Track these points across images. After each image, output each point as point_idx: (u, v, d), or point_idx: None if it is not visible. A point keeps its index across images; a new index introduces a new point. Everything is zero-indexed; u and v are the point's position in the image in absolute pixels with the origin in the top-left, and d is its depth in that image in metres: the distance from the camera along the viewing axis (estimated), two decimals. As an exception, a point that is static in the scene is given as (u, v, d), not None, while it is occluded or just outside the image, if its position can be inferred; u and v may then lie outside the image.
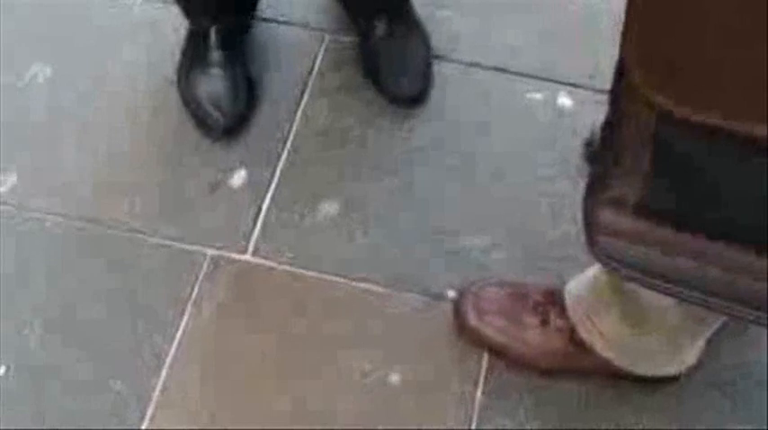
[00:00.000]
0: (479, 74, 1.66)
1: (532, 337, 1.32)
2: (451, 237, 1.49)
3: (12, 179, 1.55)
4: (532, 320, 1.33)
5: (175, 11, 1.60)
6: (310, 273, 1.46)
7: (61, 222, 1.51)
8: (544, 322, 1.32)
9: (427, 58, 1.65)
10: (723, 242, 0.78)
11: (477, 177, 1.55)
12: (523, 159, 1.57)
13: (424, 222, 1.51)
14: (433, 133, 1.60)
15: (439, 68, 1.66)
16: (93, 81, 1.67)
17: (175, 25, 1.66)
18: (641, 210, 0.81)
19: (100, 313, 1.43)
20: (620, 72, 0.79)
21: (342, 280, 1.46)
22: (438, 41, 1.68)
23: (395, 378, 1.37)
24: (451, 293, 1.43)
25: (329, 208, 1.53)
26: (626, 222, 0.82)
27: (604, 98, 1.63)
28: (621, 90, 0.79)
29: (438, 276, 1.46)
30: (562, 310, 1.30)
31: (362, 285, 1.45)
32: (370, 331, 1.41)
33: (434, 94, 1.64)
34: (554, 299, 1.32)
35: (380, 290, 1.45)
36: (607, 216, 0.83)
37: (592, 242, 0.86)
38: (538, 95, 1.64)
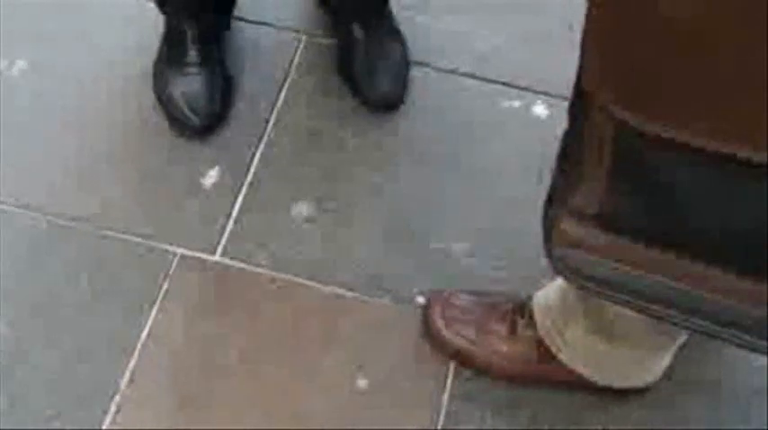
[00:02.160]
0: (456, 80, 1.67)
1: (500, 346, 1.32)
2: (424, 242, 1.49)
3: (-19, 172, 1.54)
4: (500, 329, 1.32)
5: (152, 8, 1.59)
6: (281, 275, 1.45)
7: (31, 217, 1.50)
8: (512, 331, 1.31)
9: (404, 62, 1.65)
10: (679, 254, 0.78)
11: (452, 182, 1.55)
12: (499, 166, 1.57)
13: (398, 226, 1.51)
14: (409, 137, 1.60)
15: (416, 73, 1.66)
16: (67, 76, 1.65)
17: (152, 23, 1.65)
18: (600, 222, 0.81)
19: (67, 310, 1.42)
20: (579, 85, 0.79)
21: (313, 283, 1.45)
22: (415, 47, 1.68)
23: (363, 382, 1.37)
24: (421, 299, 1.43)
25: (302, 210, 1.52)
26: (585, 233, 0.82)
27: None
28: (580, 103, 0.79)
29: (410, 281, 1.45)
30: (530, 320, 1.30)
31: (334, 289, 1.45)
32: (340, 335, 1.41)
33: (410, 98, 1.64)
34: (523, 309, 1.32)
35: (351, 293, 1.44)
36: (567, 226, 0.83)
37: (551, 252, 0.87)
38: (514, 103, 1.64)
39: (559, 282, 1.24)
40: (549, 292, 1.27)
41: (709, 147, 0.67)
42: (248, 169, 1.56)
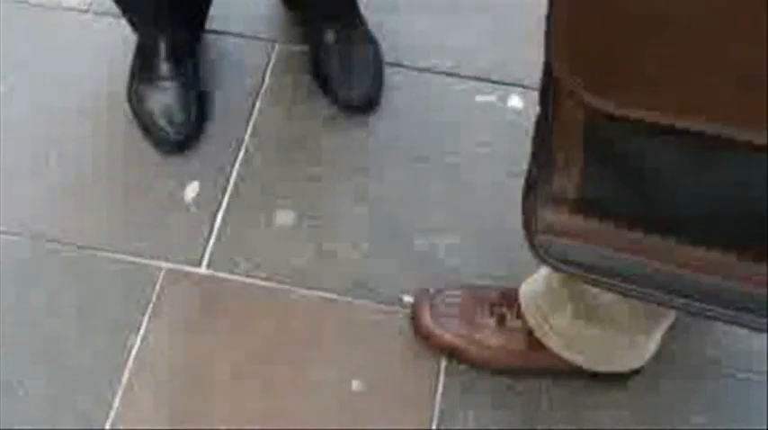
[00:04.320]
0: (431, 78, 1.67)
1: (489, 338, 1.33)
2: (408, 242, 1.50)
3: (-39, 199, 1.54)
4: (488, 322, 1.33)
5: (125, 24, 1.59)
6: (267, 284, 1.46)
7: (13, 239, 1.49)
8: (500, 323, 1.32)
9: (377, 64, 1.65)
10: (661, 235, 0.78)
11: (434, 181, 1.56)
12: (478, 161, 1.58)
13: (381, 228, 1.51)
14: (387, 138, 1.60)
15: (391, 74, 1.67)
16: (45, 95, 1.65)
17: (125, 38, 1.65)
18: (579, 207, 0.81)
19: (54, 330, 1.41)
20: (548, 71, 0.79)
21: (300, 289, 1.45)
22: (389, 48, 1.68)
23: (356, 384, 1.37)
24: (408, 298, 1.43)
25: (284, 217, 1.52)
26: (565, 220, 0.82)
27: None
28: (549, 89, 0.80)
29: (396, 281, 1.46)
30: (518, 311, 1.31)
31: (320, 293, 1.45)
32: (330, 339, 1.41)
33: (387, 99, 1.64)
34: (510, 300, 1.33)
35: (338, 297, 1.44)
36: (546, 214, 0.84)
37: (532, 241, 0.87)
38: (490, 98, 1.65)
39: (544, 270, 1.24)
40: (535, 281, 1.28)
41: (678, 125, 0.67)
42: (229, 180, 1.56)
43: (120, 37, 1.67)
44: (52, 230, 1.51)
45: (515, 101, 1.64)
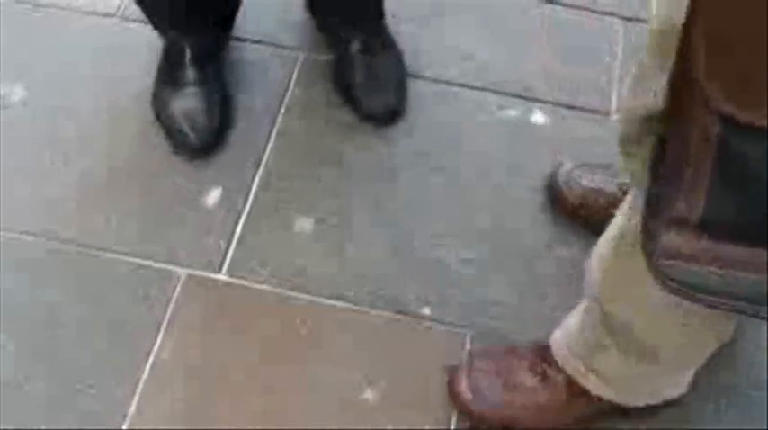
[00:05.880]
0: (453, 91, 1.67)
1: (531, 398, 1.29)
2: (425, 253, 1.50)
3: (-17, 197, 1.55)
4: (528, 380, 1.30)
5: (151, 28, 1.61)
6: (284, 291, 1.46)
7: (34, 241, 1.50)
8: (543, 380, 1.29)
9: (402, 75, 1.66)
10: None
11: (452, 193, 1.56)
12: (498, 175, 1.58)
13: (400, 238, 1.51)
14: (408, 149, 1.61)
15: (413, 86, 1.67)
16: (67, 100, 1.66)
17: (150, 43, 1.66)
18: (705, 229, 0.78)
19: (72, 333, 1.42)
20: (674, 85, 0.77)
21: (316, 297, 1.45)
22: (411, 59, 1.69)
23: (370, 394, 1.37)
24: (426, 310, 1.44)
25: (304, 225, 1.53)
26: (690, 243, 0.79)
27: (577, 114, 1.65)
28: (679, 104, 0.76)
29: (412, 292, 1.46)
30: (557, 363, 1.28)
31: (337, 302, 1.45)
32: (345, 348, 1.41)
33: (408, 111, 1.65)
34: (546, 353, 1.30)
35: (355, 306, 1.45)
36: (671, 238, 0.80)
37: (654, 265, 0.83)
38: (511, 112, 1.65)
39: (575, 315, 1.23)
40: (567, 328, 1.25)
41: None
42: (250, 187, 1.56)
43: (146, 41, 1.68)
44: (70, 232, 1.52)
45: (538, 116, 1.64)
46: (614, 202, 1.43)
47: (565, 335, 1.27)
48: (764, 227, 0.75)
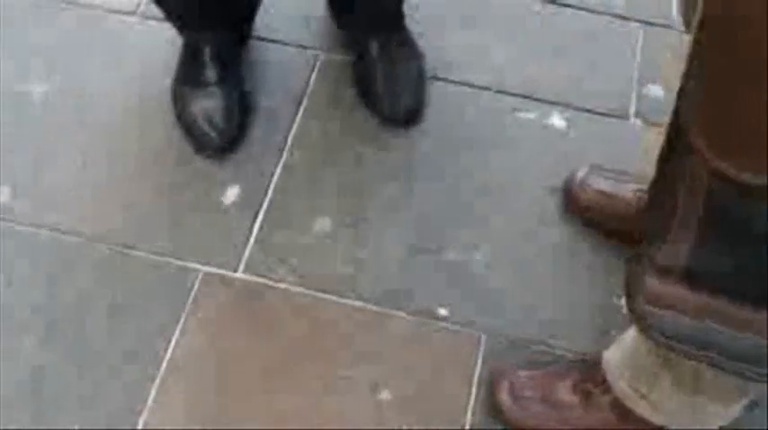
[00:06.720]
0: (472, 93, 1.68)
1: (574, 417, 1.27)
2: (443, 254, 1.50)
3: (5, 193, 1.56)
4: (571, 400, 1.28)
5: (170, 27, 1.61)
6: (302, 290, 1.46)
7: (54, 236, 1.52)
8: (586, 400, 1.27)
9: (421, 77, 1.66)
10: None
11: (470, 195, 1.56)
12: (515, 177, 1.58)
13: (418, 239, 1.52)
14: (426, 151, 1.61)
15: (432, 88, 1.67)
16: (87, 97, 1.67)
17: (170, 41, 1.67)
18: (688, 279, 0.78)
19: (91, 329, 1.43)
20: (671, 137, 0.77)
21: (334, 298, 1.46)
22: (431, 61, 1.69)
23: (385, 395, 1.37)
24: (443, 311, 1.44)
25: (322, 225, 1.53)
26: (672, 292, 0.79)
27: (595, 118, 1.65)
28: (673, 154, 0.76)
29: (429, 294, 1.46)
30: (603, 382, 1.25)
31: (354, 302, 1.45)
32: (362, 348, 1.41)
33: (427, 112, 1.65)
34: (593, 375, 1.28)
35: (373, 307, 1.45)
36: (653, 285, 0.80)
37: (634, 310, 0.83)
38: (530, 115, 1.65)
39: (629, 339, 1.20)
40: (621, 351, 1.22)
41: None
42: (268, 186, 1.57)
43: (166, 40, 1.69)
44: (92, 228, 1.52)
45: (556, 119, 1.64)
46: (627, 208, 1.44)
47: (617, 355, 1.24)
48: (751, 283, 0.75)
